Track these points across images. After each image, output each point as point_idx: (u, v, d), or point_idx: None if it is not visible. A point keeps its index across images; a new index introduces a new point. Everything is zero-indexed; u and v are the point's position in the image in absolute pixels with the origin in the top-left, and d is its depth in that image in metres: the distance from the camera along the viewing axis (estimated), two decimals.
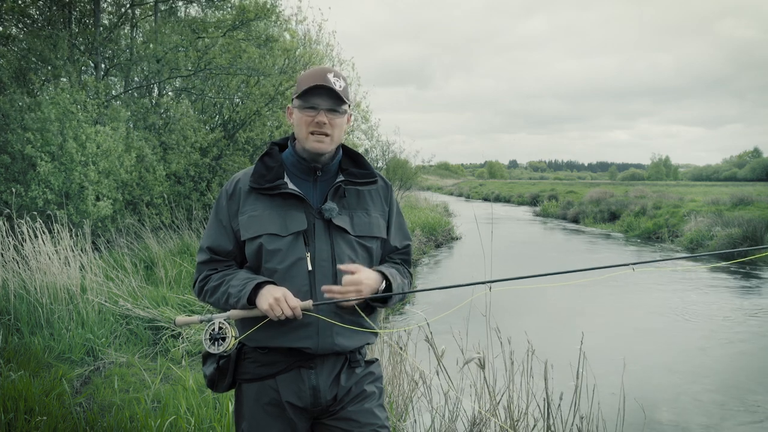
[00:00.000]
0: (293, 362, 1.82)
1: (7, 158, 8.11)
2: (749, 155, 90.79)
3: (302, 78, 1.85)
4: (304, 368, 1.82)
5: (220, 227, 1.88)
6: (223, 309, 1.83)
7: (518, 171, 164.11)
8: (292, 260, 1.79)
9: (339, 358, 1.86)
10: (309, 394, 1.82)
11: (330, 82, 1.81)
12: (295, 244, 1.80)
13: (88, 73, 10.11)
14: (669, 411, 5.01)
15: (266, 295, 1.72)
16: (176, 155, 10.24)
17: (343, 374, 1.86)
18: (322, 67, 1.87)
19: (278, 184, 1.82)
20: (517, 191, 44.34)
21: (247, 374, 1.85)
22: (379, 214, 1.93)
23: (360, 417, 1.86)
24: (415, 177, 25.58)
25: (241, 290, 1.76)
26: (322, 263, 1.80)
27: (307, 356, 1.81)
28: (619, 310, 8.88)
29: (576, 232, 20.66)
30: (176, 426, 3.44)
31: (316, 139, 1.82)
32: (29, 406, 3.52)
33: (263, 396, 1.83)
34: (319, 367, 1.82)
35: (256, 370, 1.84)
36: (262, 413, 1.84)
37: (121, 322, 5.55)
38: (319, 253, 1.80)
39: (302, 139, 1.85)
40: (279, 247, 1.79)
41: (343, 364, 1.86)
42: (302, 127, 1.83)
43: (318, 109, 1.81)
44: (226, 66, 10.56)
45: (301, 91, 1.81)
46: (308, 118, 1.81)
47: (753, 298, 9.70)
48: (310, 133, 1.82)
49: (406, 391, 3.77)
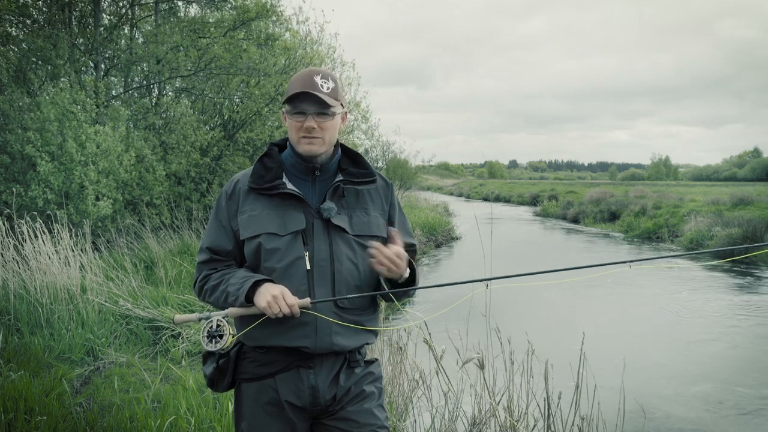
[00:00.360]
0: (292, 362, 1.82)
1: (6, 158, 8.12)
2: (749, 155, 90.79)
3: (291, 82, 1.85)
4: (303, 368, 1.82)
5: (220, 227, 1.90)
6: (222, 308, 1.84)
7: (518, 171, 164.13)
8: (290, 259, 1.80)
9: (338, 358, 1.86)
10: (308, 393, 1.82)
11: (317, 86, 1.81)
12: (294, 243, 1.81)
13: (88, 73, 10.11)
14: (669, 411, 5.01)
15: (264, 292, 1.73)
16: (176, 155, 10.25)
17: (343, 374, 1.86)
18: (309, 70, 1.86)
19: (277, 184, 1.84)
20: (517, 191, 44.34)
21: (247, 374, 1.86)
22: (379, 213, 1.93)
23: (359, 417, 1.86)
24: (415, 177, 25.60)
25: (239, 288, 1.77)
26: (321, 262, 1.81)
27: (306, 356, 1.81)
28: (618, 309, 8.89)
29: (576, 232, 20.66)
30: (176, 426, 3.44)
31: (307, 142, 1.83)
32: (29, 406, 3.52)
33: (262, 395, 1.84)
34: (318, 366, 1.83)
35: (256, 369, 1.85)
36: (262, 413, 1.84)
37: (121, 322, 5.55)
38: (318, 253, 1.81)
39: (295, 143, 1.86)
40: (278, 246, 1.80)
41: (342, 363, 1.86)
42: (293, 131, 1.85)
43: (306, 114, 1.81)
44: (227, 66, 10.56)
45: (288, 96, 1.82)
46: (298, 124, 1.83)
47: (753, 297, 9.70)
48: (301, 137, 1.83)
49: (406, 391, 3.77)
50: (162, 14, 11.21)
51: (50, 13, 10.04)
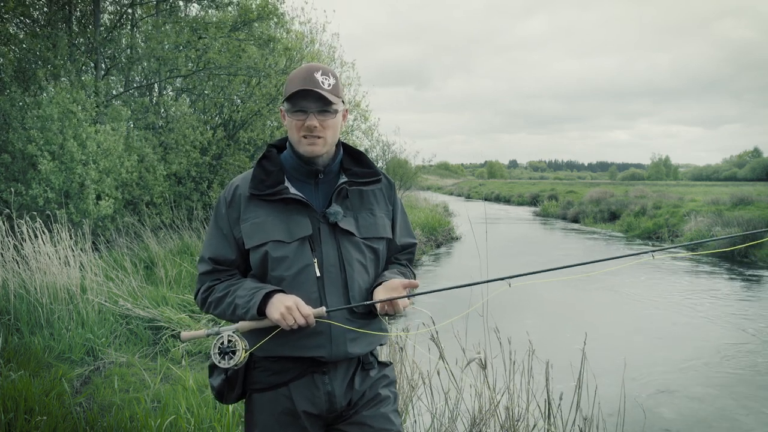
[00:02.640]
0: (306, 369, 1.76)
1: (7, 157, 8.12)
2: (749, 155, 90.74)
3: (290, 79, 1.77)
4: (318, 374, 1.77)
5: (221, 236, 1.82)
6: (229, 320, 1.77)
7: (518, 171, 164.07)
8: (299, 267, 1.74)
9: (352, 362, 1.81)
10: (324, 399, 1.77)
11: (318, 83, 1.73)
12: (302, 250, 1.74)
13: (89, 73, 10.10)
14: (670, 411, 5.01)
15: (277, 304, 1.66)
16: (176, 155, 10.24)
17: (357, 377, 1.81)
18: (309, 66, 1.78)
19: (280, 189, 1.76)
20: (517, 191, 44.32)
21: (259, 384, 1.80)
22: (384, 213, 1.88)
23: (374, 422, 1.81)
24: (415, 177, 25.58)
25: (249, 300, 1.69)
26: (330, 268, 1.75)
27: (320, 363, 1.76)
28: (619, 309, 8.88)
29: (576, 231, 20.66)
30: (176, 426, 3.43)
31: (309, 142, 1.75)
32: (29, 406, 3.52)
33: (276, 405, 1.78)
34: (332, 372, 1.78)
35: (268, 378, 1.79)
36: (275, 423, 1.78)
37: (121, 322, 5.55)
38: (327, 259, 1.75)
39: (295, 143, 1.79)
40: (285, 254, 1.74)
41: (356, 367, 1.82)
42: (294, 131, 1.77)
43: (308, 113, 1.74)
44: (226, 66, 10.55)
45: (289, 94, 1.74)
46: (299, 123, 1.75)
47: (755, 297, 9.69)
48: (303, 137, 1.76)
49: (406, 391, 3.77)
50: (162, 14, 11.21)
51: (50, 12, 10.03)
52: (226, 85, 11.54)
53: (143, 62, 10.63)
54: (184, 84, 11.80)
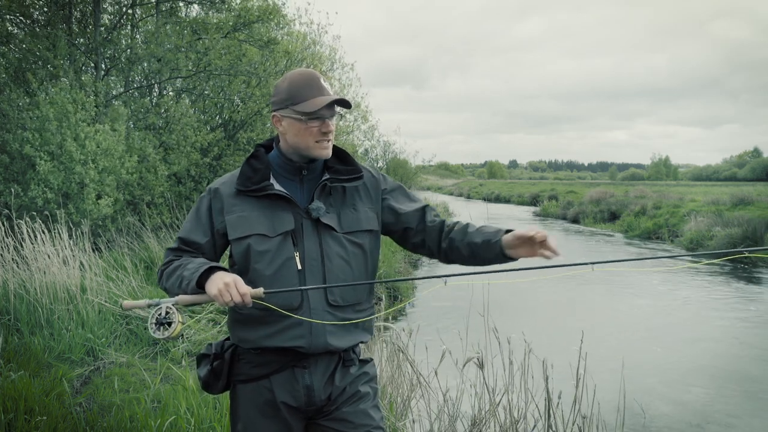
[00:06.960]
0: (287, 362, 1.82)
1: (6, 158, 8.11)
2: (749, 155, 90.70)
3: (294, 86, 1.81)
4: (298, 368, 1.83)
5: (197, 221, 1.88)
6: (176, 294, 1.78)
7: (518, 171, 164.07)
8: (281, 261, 1.79)
9: (333, 357, 1.86)
10: (303, 393, 1.82)
11: (326, 90, 1.81)
12: (284, 244, 1.80)
13: (88, 73, 10.10)
14: (669, 410, 5.01)
15: (216, 280, 1.67)
16: (177, 156, 10.25)
17: (338, 373, 1.86)
18: (310, 74, 1.84)
19: (264, 185, 1.83)
20: (517, 191, 44.32)
21: (242, 375, 1.87)
22: (368, 207, 1.92)
23: (354, 418, 1.86)
24: (415, 177, 25.59)
25: (193, 273, 1.72)
26: (312, 262, 1.80)
27: (301, 356, 1.81)
28: (618, 308, 8.88)
29: (576, 231, 20.66)
30: (176, 426, 3.44)
31: (323, 146, 1.83)
32: (29, 406, 3.52)
33: (258, 396, 1.85)
34: (312, 366, 1.83)
35: (251, 370, 1.85)
36: (257, 413, 1.85)
37: (121, 322, 5.55)
38: (308, 252, 1.81)
39: (305, 148, 1.83)
40: (268, 248, 1.80)
41: (337, 363, 1.87)
42: (307, 137, 1.81)
43: (324, 119, 1.81)
44: (227, 68, 10.55)
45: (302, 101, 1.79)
46: (314, 129, 1.81)
47: (754, 297, 9.69)
48: (317, 141, 1.82)
49: (406, 391, 3.77)
50: (163, 14, 11.21)
51: (50, 12, 10.03)
52: (226, 86, 11.55)
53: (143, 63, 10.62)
54: (184, 84, 11.80)
